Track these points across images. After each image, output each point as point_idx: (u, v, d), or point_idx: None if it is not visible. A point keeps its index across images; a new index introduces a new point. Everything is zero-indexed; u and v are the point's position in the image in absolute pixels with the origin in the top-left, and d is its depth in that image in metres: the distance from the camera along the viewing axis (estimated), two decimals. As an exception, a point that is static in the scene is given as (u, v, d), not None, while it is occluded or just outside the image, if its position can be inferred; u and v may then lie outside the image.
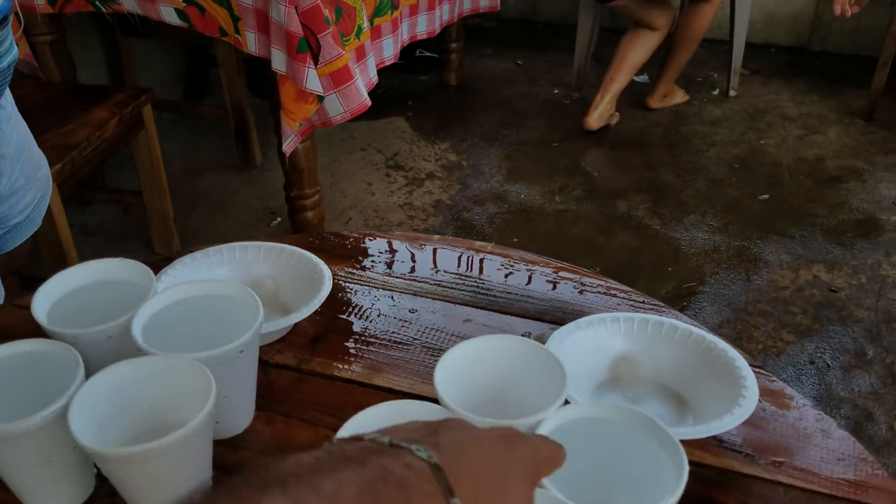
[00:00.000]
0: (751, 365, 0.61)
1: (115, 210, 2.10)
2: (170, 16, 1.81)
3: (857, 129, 2.55)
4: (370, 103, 1.79)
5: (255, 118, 2.25)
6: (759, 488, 0.56)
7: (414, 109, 2.68)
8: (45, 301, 0.58)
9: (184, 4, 1.77)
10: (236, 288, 0.58)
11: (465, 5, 2.45)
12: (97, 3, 1.86)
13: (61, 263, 1.21)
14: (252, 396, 0.60)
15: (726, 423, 0.55)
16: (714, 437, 0.59)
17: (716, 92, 2.78)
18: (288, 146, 1.82)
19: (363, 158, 2.38)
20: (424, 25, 2.29)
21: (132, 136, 1.81)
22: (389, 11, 2.05)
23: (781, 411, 0.62)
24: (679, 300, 1.82)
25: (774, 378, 0.65)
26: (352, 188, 2.23)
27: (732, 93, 2.74)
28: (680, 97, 2.67)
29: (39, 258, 1.55)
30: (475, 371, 0.53)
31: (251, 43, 1.74)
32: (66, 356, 0.52)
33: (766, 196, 2.23)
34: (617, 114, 2.54)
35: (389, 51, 2.09)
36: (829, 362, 1.67)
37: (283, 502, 0.28)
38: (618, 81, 2.46)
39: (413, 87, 2.83)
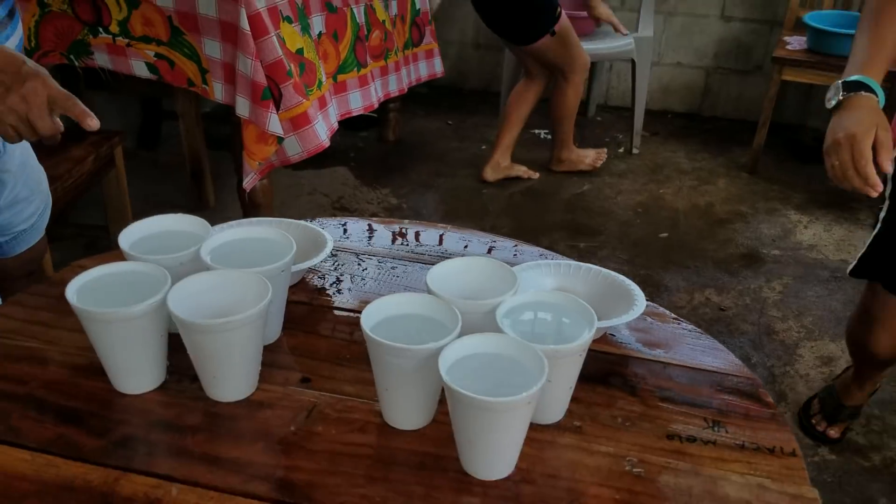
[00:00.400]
0: (647, 301, 0.85)
1: (79, 244, 2.24)
2: (140, 69, 2.02)
3: (742, 180, 2.95)
4: (328, 144, 2.03)
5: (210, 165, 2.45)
6: (645, 366, 0.80)
7: (356, 160, 2.93)
8: (127, 240, 0.77)
9: (154, 59, 1.98)
10: (273, 231, 0.80)
11: (422, 72, 2.77)
12: (72, 57, 2.05)
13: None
14: (282, 313, 0.81)
15: (620, 320, 0.79)
16: (614, 335, 0.83)
17: (621, 150, 3.15)
18: (248, 183, 2.03)
19: (311, 201, 2.60)
20: (394, 85, 2.59)
21: (104, 174, 1.98)
22: (355, 69, 2.32)
23: (664, 324, 0.87)
24: (595, 318, 2.09)
25: (660, 307, 0.90)
26: (300, 228, 2.43)
27: (635, 151, 3.11)
28: (591, 159, 2.93)
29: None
30: (456, 278, 0.76)
31: (218, 92, 1.96)
32: (156, 272, 0.72)
33: (666, 234, 2.56)
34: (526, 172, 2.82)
35: (357, 103, 2.36)
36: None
37: None
38: (507, 135, 2.77)
39: (354, 142, 3.09)
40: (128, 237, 0.77)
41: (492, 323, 0.68)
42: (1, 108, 0.75)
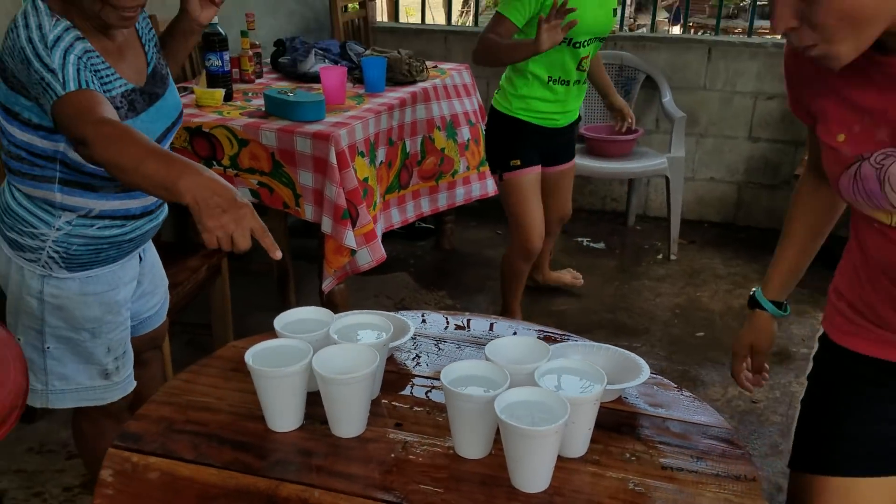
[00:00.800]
0: (652, 373, 1.13)
1: (182, 340, 2.60)
2: (244, 194, 2.43)
3: (773, 284, 3.18)
4: (385, 256, 2.40)
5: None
6: (649, 420, 1.07)
7: (415, 266, 3.29)
8: (279, 324, 1.11)
9: (257, 186, 2.40)
10: (376, 318, 1.12)
11: (474, 192, 3.13)
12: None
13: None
14: (381, 377, 1.11)
15: (627, 385, 1.07)
16: (626, 398, 1.11)
17: (660, 256, 3.44)
18: (327, 286, 2.39)
19: (377, 303, 2.94)
20: (443, 201, 2.97)
21: (212, 281, 2.36)
22: (397, 190, 2.71)
23: (666, 391, 1.15)
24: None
25: (665, 379, 1.18)
26: (371, 326, 2.77)
27: (673, 257, 3.40)
28: (569, 279, 3.06)
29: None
30: (506, 350, 1.06)
31: (308, 213, 2.36)
32: (301, 345, 1.04)
33: (702, 333, 2.80)
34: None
35: (396, 218, 2.74)
36: (750, 451, 2.16)
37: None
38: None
39: (413, 251, 3.46)
40: (279, 321, 1.10)
41: (531, 381, 0.98)
42: (215, 223, 1.03)
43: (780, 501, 1.98)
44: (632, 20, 12.55)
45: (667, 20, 10.40)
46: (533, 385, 0.97)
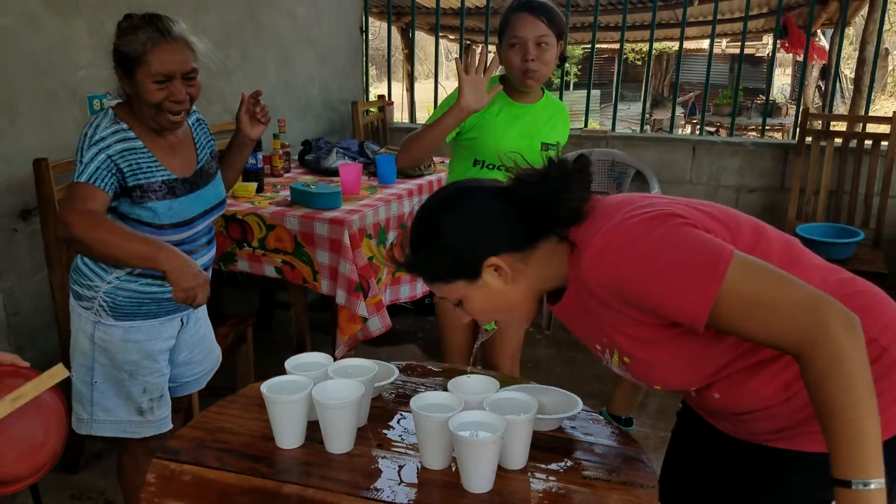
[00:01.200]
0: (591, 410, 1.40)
1: (209, 402, 2.88)
2: (270, 272, 2.77)
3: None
4: (391, 324, 2.71)
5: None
6: (580, 444, 1.34)
7: (423, 339, 3.58)
8: (288, 365, 1.41)
9: (281, 264, 2.74)
10: (364, 362, 1.42)
11: None
12: (221, 265, 2.83)
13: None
14: (367, 409, 1.40)
15: (559, 416, 1.35)
16: (564, 428, 1.38)
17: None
18: (339, 353, 2.69)
19: (388, 375, 3.22)
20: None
21: (238, 348, 2.67)
22: None
23: (596, 424, 1.41)
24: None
25: (596, 413, 1.44)
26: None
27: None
28: None
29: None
30: (464, 386, 1.34)
31: (324, 287, 2.68)
32: (304, 380, 1.34)
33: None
34: None
35: (406, 293, 3.05)
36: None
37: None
38: None
39: (423, 325, 3.76)
40: (290, 363, 1.41)
41: (481, 408, 1.26)
42: (186, 285, 1.52)
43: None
44: (648, 115, 13.15)
45: (682, 114, 10.95)
46: (481, 410, 1.25)
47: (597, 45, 12.75)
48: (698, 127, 4.74)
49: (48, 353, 2.56)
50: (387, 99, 4.50)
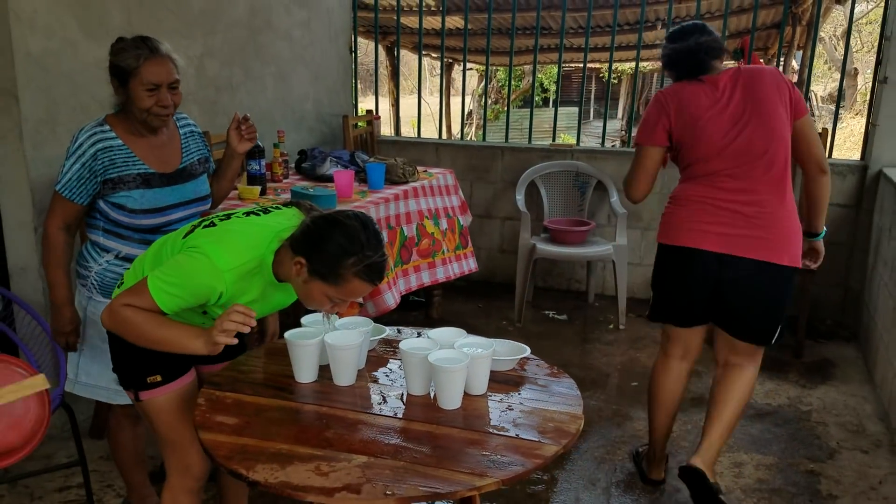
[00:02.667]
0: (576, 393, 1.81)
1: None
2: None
3: (704, 349, 3.84)
4: (394, 306, 3.11)
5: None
6: (527, 379, 1.75)
7: (408, 332, 3.98)
8: (306, 321, 1.81)
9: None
10: (366, 321, 1.82)
11: (464, 267, 3.88)
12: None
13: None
14: (365, 355, 1.80)
15: (513, 357, 1.76)
16: (517, 370, 1.79)
17: (611, 326, 4.12)
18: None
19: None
20: (441, 274, 3.69)
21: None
22: (400, 265, 3.44)
23: (542, 368, 1.82)
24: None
25: (543, 361, 1.86)
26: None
27: (622, 327, 4.08)
28: None
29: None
30: (442, 335, 1.75)
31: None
32: (318, 331, 1.74)
33: (636, 383, 3.44)
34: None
35: (403, 285, 3.46)
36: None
37: None
38: None
39: (407, 318, 4.16)
40: (306, 319, 1.81)
41: (452, 348, 1.67)
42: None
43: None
44: (623, 132, 13.67)
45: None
46: (453, 349, 1.66)
47: (575, 65, 13.11)
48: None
49: (79, 332, 2.93)
50: (374, 113, 4.92)
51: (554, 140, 4.88)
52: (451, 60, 9.91)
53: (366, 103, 5.93)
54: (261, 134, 3.68)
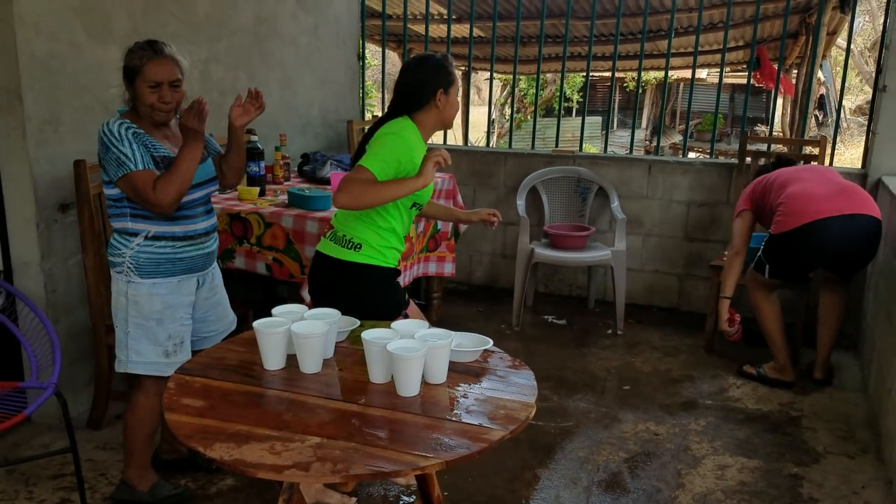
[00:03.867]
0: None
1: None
2: (261, 269, 3.22)
3: (698, 355, 3.85)
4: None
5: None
6: (487, 371, 1.79)
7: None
8: (276, 311, 1.87)
9: (271, 261, 3.20)
10: (335, 312, 1.88)
11: (432, 269, 3.93)
12: (220, 261, 3.28)
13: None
14: (333, 345, 1.85)
15: (474, 349, 1.80)
16: (480, 362, 1.83)
17: (609, 331, 4.13)
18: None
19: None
20: (407, 277, 3.75)
21: (239, 327, 3.12)
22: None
23: (504, 360, 1.86)
24: (562, 431, 2.98)
25: (504, 353, 1.89)
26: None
27: (620, 332, 4.09)
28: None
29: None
30: (406, 327, 1.80)
31: (314, 276, 3.13)
32: (285, 320, 1.80)
33: (628, 387, 3.45)
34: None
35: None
36: (639, 473, 2.79)
37: None
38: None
39: (407, 322, 4.21)
40: (276, 310, 1.87)
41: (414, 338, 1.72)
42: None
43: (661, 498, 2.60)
44: (647, 142, 13.66)
45: (679, 144, 11.44)
46: (412, 339, 1.71)
47: (600, 74, 13.12)
48: (680, 151, 5.18)
49: (78, 324, 3.03)
50: (380, 119, 5.00)
51: (557, 146, 4.91)
52: (465, 69, 9.98)
53: (380, 111, 5.97)
54: (265, 137, 3.78)
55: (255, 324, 1.78)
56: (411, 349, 1.65)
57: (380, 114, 5.15)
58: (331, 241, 2.36)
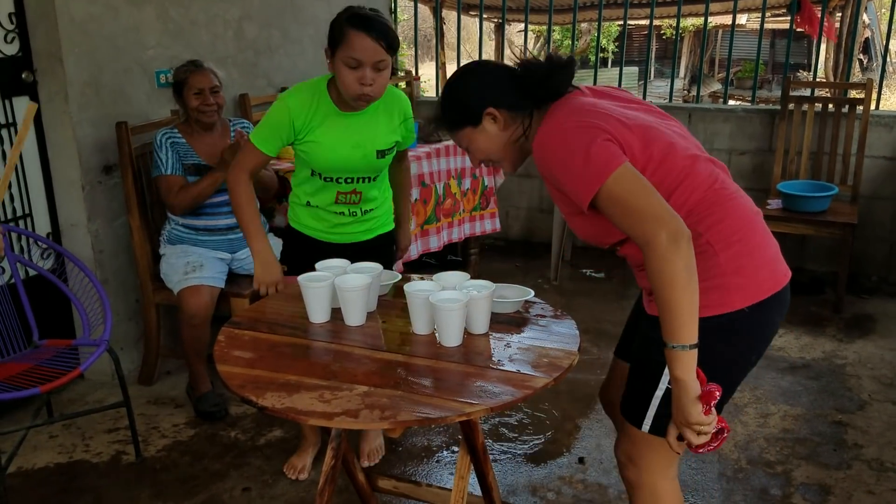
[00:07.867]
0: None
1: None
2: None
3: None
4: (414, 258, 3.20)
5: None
6: (529, 320, 1.80)
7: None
8: (319, 265, 1.90)
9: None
10: (377, 266, 1.90)
11: (486, 227, 3.94)
12: (264, 219, 3.33)
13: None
14: (376, 298, 1.88)
15: (515, 299, 1.81)
16: (521, 312, 1.84)
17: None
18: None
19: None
20: (456, 234, 3.76)
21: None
22: (434, 222, 3.51)
23: (546, 309, 1.87)
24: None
25: (547, 303, 1.90)
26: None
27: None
28: None
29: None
30: (447, 278, 1.82)
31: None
32: (329, 274, 1.83)
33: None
34: None
35: (435, 243, 3.54)
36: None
37: None
38: None
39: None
40: (320, 265, 1.90)
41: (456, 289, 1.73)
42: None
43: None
44: (686, 91, 13.36)
45: (719, 92, 11.19)
46: (454, 290, 1.72)
47: (636, 22, 12.81)
48: (720, 99, 5.07)
49: (126, 282, 3.11)
50: (414, 75, 4.96)
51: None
52: (498, 21, 9.80)
53: (423, 69, 5.89)
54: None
55: (300, 278, 1.81)
56: (453, 300, 1.67)
57: (412, 69, 5.11)
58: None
